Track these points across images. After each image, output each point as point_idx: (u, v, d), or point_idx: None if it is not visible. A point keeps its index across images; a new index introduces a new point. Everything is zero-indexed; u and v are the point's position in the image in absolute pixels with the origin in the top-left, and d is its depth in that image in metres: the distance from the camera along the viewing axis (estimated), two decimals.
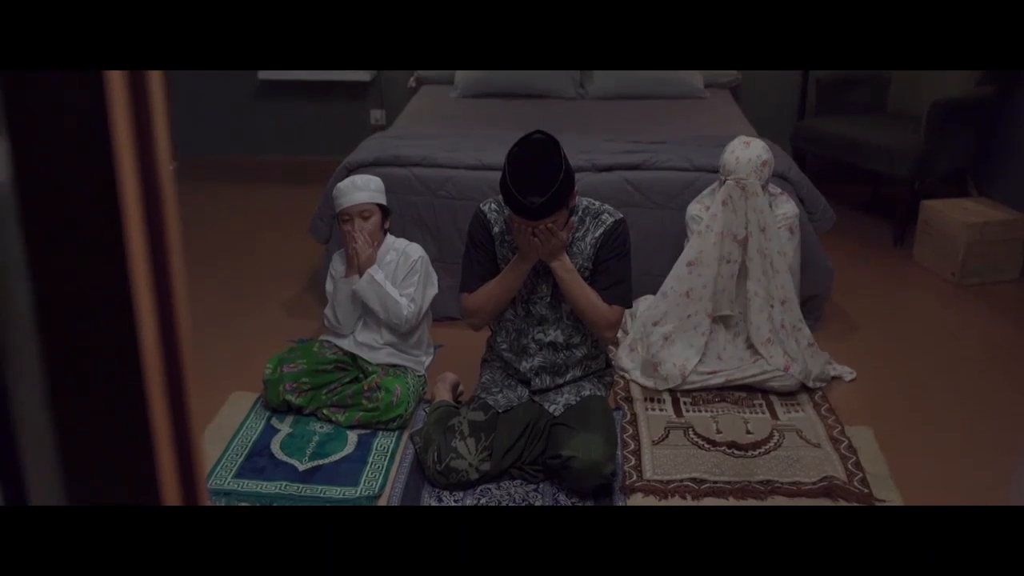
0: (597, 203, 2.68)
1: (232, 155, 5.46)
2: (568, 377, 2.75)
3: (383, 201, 2.93)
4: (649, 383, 3.09)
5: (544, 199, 2.39)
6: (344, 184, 2.91)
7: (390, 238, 2.96)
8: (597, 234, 2.61)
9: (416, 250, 2.96)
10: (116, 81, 0.55)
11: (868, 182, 4.95)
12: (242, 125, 5.42)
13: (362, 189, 2.88)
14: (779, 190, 3.22)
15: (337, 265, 3.01)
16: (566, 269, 2.59)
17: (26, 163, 0.55)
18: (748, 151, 3.03)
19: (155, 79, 0.59)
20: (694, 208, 3.22)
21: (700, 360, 3.05)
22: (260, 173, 5.40)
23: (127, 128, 0.56)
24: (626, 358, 3.20)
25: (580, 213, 2.63)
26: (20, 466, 0.60)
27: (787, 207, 3.17)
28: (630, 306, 2.79)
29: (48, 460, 0.60)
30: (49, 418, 0.59)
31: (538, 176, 2.40)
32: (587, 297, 2.62)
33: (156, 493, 0.64)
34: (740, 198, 3.01)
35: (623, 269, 2.65)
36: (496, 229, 2.67)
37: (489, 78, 4.75)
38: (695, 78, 4.76)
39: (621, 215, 2.66)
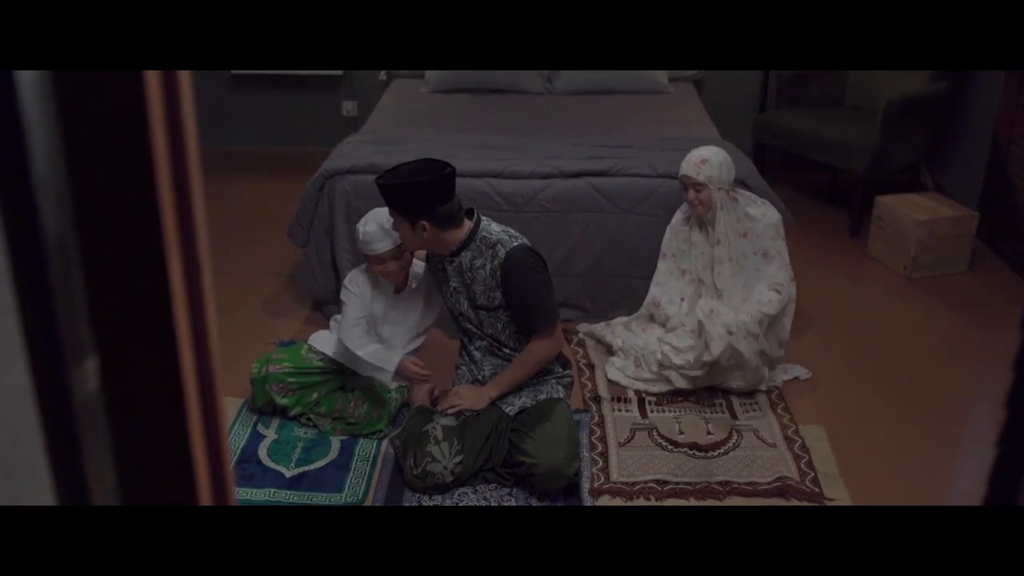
0: (497, 232, 2.81)
1: (204, 147, 5.52)
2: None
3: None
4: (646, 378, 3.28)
5: (381, 180, 2.71)
6: (373, 230, 2.91)
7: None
8: (494, 264, 2.77)
9: (419, 264, 3.09)
10: (152, 80, 0.64)
11: (828, 169, 5.12)
12: (215, 117, 5.48)
13: (388, 233, 2.90)
14: (758, 198, 3.36)
15: (360, 282, 3.05)
16: (499, 390, 2.87)
17: (76, 154, 0.63)
18: (694, 152, 3.22)
19: (185, 79, 0.67)
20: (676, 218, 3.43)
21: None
22: (233, 164, 5.47)
23: (162, 121, 0.65)
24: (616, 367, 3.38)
25: (477, 242, 2.80)
26: (84, 473, 0.72)
27: (767, 211, 3.30)
28: (556, 319, 2.85)
29: (106, 468, 0.73)
30: (107, 431, 0.72)
31: (399, 174, 2.73)
32: (526, 368, 2.87)
33: (193, 495, 0.76)
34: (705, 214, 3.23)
35: (532, 293, 2.78)
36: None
37: (459, 74, 4.86)
38: (659, 74, 4.89)
39: (516, 243, 2.77)
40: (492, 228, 2.83)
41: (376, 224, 2.91)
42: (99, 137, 0.65)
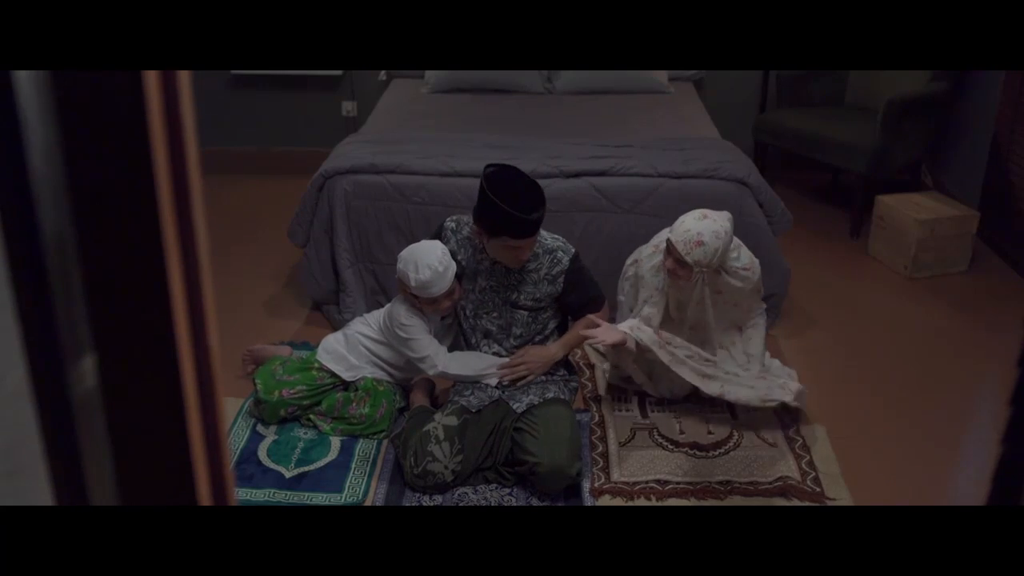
0: (548, 238, 2.91)
1: (204, 147, 5.52)
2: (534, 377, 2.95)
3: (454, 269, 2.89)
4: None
5: (534, 216, 2.68)
6: (429, 277, 2.80)
7: None
8: (554, 271, 2.88)
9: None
10: (152, 80, 0.64)
11: (829, 169, 5.12)
12: (214, 117, 5.48)
13: (444, 275, 2.82)
14: (740, 264, 2.96)
15: (403, 313, 2.95)
16: (565, 351, 3.02)
17: (74, 153, 0.63)
18: (697, 223, 2.79)
19: (185, 79, 0.67)
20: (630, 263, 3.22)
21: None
22: (233, 164, 5.47)
23: (161, 121, 0.66)
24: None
25: (535, 247, 2.86)
26: (82, 472, 0.72)
27: (748, 261, 2.98)
28: (604, 297, 3.07)
29: (104, 467, 0.73)
30: (106, 430, 0.72)
31: (532, 194, 2.70)
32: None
33: (193, 495, 0.76)
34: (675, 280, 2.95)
35: (591, 283, 2.99)
36: (449, 246, 2.93)
37: (459, 74, 4.86)
38: (659, 74, 4.89)
39: (572, 248, 2.96)
40: (542, 233, 2.89)
41: (430, 269, 2.78)
42: (98, 137, 0.64)
